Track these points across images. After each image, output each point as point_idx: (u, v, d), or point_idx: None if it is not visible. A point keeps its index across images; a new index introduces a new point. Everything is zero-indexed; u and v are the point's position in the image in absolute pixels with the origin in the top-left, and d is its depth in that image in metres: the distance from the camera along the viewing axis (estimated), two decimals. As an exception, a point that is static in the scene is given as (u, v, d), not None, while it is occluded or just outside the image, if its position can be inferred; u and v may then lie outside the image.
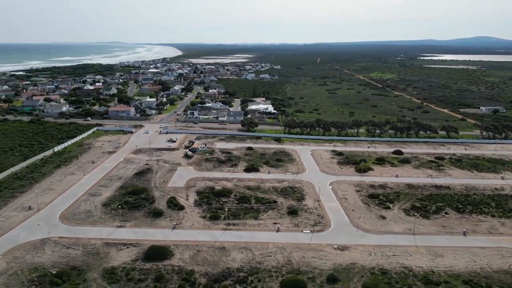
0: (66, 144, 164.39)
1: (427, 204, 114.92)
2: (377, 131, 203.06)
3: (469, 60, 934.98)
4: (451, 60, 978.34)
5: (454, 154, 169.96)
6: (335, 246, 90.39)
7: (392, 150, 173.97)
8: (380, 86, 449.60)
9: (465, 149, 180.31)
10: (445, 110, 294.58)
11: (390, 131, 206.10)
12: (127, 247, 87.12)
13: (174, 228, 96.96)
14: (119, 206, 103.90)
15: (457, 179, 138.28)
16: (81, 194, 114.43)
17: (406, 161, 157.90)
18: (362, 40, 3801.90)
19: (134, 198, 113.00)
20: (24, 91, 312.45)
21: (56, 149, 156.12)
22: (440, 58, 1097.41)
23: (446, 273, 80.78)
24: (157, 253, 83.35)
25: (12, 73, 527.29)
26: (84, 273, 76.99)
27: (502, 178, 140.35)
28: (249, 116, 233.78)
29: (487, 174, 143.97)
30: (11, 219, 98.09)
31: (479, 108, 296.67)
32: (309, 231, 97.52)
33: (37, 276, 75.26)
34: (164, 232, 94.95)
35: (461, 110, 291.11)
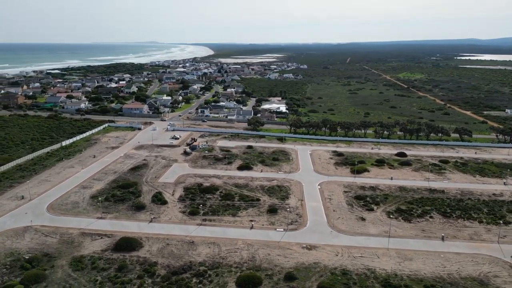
0: (74, 139, 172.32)
1: (414, 207, 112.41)
2: (385, 132, 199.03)
3: (509, 60, 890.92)
4: (490, 60, 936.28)
5: (461, 158, 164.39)
6: (304, 245, 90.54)
7: (396, 152, 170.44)
8: (406, 86, 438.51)
9: (475, 152, 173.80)
10: (468, 112, 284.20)
11: (399, 132, 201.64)
12: (101, 238, 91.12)
13: (151, 221, 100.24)
14: (100, 199, 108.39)
15: (455, 183, 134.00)
16: (73, 186, 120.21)
17: (406, 163, 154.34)
18: (399, 40, 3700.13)
19: (122, 191, 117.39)
20: (52, 88, 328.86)
21: (64, 143, 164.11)
22: (479, 58, 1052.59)
23: (410, 277, 79.27)
24: (127, 244, 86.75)
25: (48, 71, 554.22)
26: (54, 260, 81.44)
27: (504, 183, 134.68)
28: (259, 115, 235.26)
29: (490, 179, 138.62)
30: (3, 207, 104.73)
31: (504, 110, 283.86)
32: (282, 230, 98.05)
33: (10, 261, 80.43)
34: (140, 224, 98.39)
35: (484, 112, 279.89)
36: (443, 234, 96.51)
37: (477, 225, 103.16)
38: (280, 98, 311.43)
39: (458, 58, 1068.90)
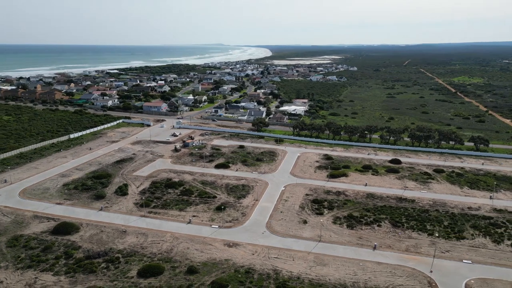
0: (84, 132, 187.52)
1: (367, 215, 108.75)
2: (391, 138, 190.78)
3: None
4: None
5: (462, 168, 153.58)
6: (226, 243, 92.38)
7: (390, 158, 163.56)
8: (453, 91, 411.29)
9: (482, 163, 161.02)
10: (507, 121, 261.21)
11: (406, 139, 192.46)
12: (48, 221, 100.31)
13: (100, 210, 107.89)
14: (57, 186, 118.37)
15: (433, 193, 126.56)
16: (54, 174, 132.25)
17: (393, 170, 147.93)
18: (475, 41, 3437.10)
19: (94, 182, 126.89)
20: (95, 86, 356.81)
21: (72, 136, 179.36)
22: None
23: (311, 281, 78.22)
24: (63, 228, 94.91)
25: (108, 70, 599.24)
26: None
27: (490, 197, 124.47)
28: (271, 116, 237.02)
29: (477, 192, 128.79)
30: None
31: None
32: (217, 227, 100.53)
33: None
34: (89, 212, 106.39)
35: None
36: (376, 243, 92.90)
37: (424, 237, 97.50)
38: (306, 100, 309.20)
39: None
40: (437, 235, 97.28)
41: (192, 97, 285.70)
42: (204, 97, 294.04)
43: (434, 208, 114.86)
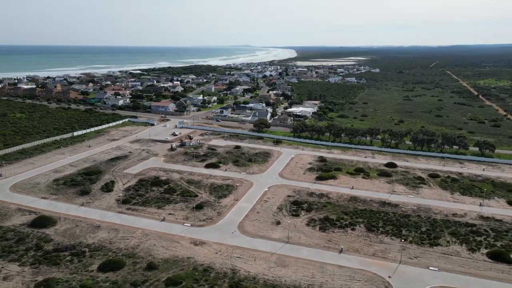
0: (88, 130, 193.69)
1: (344, 218, 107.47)
2: (393, 141, 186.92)
3: None
4: None
5: (459, 173, 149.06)
6: (193, 241, 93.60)
7: (386, 162, 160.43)
8: (475, 94, 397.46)
9: (483, 169, 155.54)
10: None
11: (408, 142, 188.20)
12: (30, 214, 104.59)
13: (82, 205, 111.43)
14: (47, 181, 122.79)
15: (421, 198, 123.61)
16: (47, 170, 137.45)
17: (386, 174, 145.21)
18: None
19: (83, 178, 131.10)
20: (112, 85, 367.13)
21: (75, 133, 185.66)
22: None
23: (266, 282, 78.31)
24: (40, 221, 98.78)
25: (131, 71, 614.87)
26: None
27: (480, 204, 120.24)
28: (276, 117, 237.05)
29: (468, 198, 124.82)
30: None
31: None
32: (189, 225, 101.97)
33: None
34: (71, 207, 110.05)
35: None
36: (342, 247, 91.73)
37: (396, 242, 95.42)
38: (317, 102, 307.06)
39: None
40: (403, 240, 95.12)
41: (202, 98, 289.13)
42: (214, 98, 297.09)
43: (417, 213, 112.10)
